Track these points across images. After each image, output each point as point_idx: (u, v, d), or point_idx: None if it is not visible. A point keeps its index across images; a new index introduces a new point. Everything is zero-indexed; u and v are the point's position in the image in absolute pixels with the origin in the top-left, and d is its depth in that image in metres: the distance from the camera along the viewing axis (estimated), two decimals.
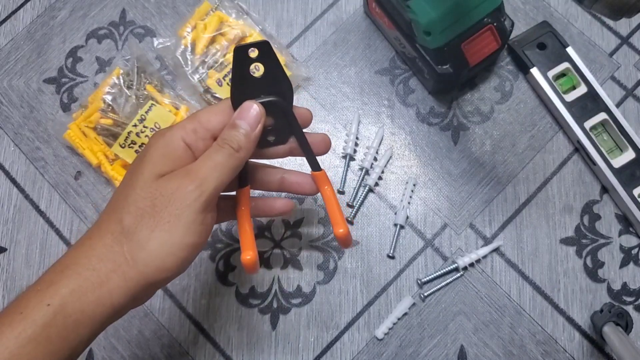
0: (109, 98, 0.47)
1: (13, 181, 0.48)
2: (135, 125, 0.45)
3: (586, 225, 0.45)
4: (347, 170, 0.46)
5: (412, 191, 0.46)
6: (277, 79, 0.33)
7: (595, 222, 0.45)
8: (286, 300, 0.44)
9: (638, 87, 0.48)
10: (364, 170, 0.46)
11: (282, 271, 0.45)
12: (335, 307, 0.44)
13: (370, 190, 0.46)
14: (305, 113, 0.36)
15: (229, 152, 0.31)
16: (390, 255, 0.44)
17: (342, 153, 0.47)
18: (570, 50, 0.47)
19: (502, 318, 0.43)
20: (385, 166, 0.46)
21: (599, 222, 0.45)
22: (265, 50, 0.31)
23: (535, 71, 0.46)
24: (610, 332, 0.39)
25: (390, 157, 0.47)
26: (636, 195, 0.43)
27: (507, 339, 0.43)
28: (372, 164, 0.46)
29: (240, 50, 0.31)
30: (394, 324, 0.43)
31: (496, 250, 0.44)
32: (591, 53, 0.48)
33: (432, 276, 0.44)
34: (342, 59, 0.49)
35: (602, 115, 0.45)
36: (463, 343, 0.43)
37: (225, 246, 0.46)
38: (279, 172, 0.38)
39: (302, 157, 0.36)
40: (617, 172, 0.44)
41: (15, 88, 0.51)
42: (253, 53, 0.31)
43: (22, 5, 0.53)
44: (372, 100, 0.48)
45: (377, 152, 0.47)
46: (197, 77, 0.48)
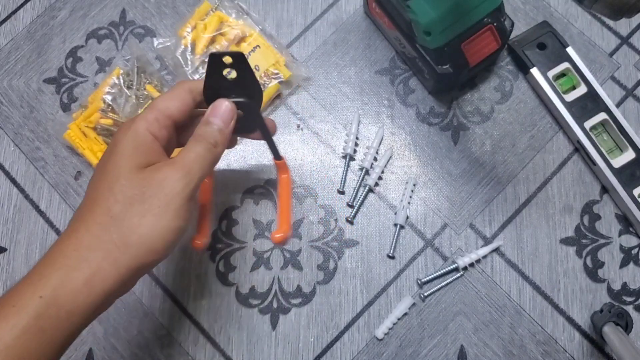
0: (109, 98, 0.47)
1: (13, 181, 0.48)
2: None
3: (586, 225, 0.45)
4: (347, 170, 0.46)
5: (412, 191, 0.46)
6: (248, 83, 0.35)
7: (595, 222, 0.45)
8: (286, 300, 0.44)
9: (638, 87, 0.48)
10: (364, 170, 0.46)
11: (282, 271, 0.45)
12: (335, 307, 0.44)
13: (370, 190, 0.46)
14: (271, 124, 0.40)
15: (207, 146, 0.34)
16: (390, 255, 0.44)
17: (342, 153, 0.47)
18: (570, 50, 0.47)
19: (502, 318, 0.43)
20: (385, 166, 0.46)
21: (599, 222, 0.45)
22: (239, 60, 0.34)
23: (535, 71, 0.46)
24: (610, 332, 0.39)
25: (390, 157, 0.47)
26: (636, 195, 0.43)
27: (507, 339, 0.43)
28: (372, 164, 0.46)
29: (215, 57, 0.34)
30: (394, 324, 0.43)
31: (496, 250, 0.44)
32: (591, 53, 0.48)
33: (432, 276, 0.44)
34: (342, 59, 0.49)
35: (602, 115, 0.45)
36: (463, 343, 0.43)
37: (225, 246, 0.46)
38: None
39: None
40: (617, 172, 0.44)
41: (15, 88, 0.51)
42: (227, 60, 0.34)
43: (22, 5, 0.53)
44: (372, 100, 0.48)
45: (377, 152, 0.47)
46: (197, 77, 0.48)
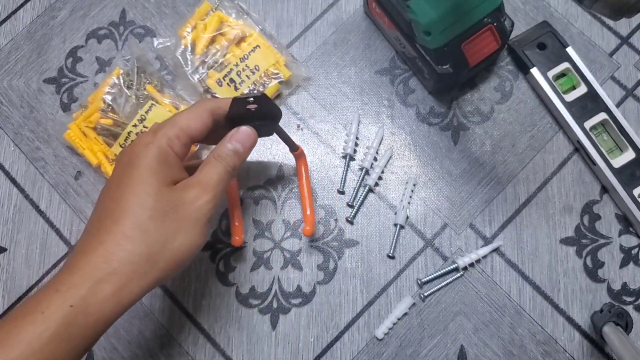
0: (109, 98, 0.47)
1: (13, 181, 0.48)
2: (135, 125, 0.45)
3: (586, 225, 0.45)
4: (347, 170, 0.46)
5: (412, 191, 0.46)
6: (269, 111, 0.39)
7: (595, 222, 0.45)
8: (286, 300, 0.44)
9: (638, 87, 0.48)
10: (364, 170, 0.46)
11: (282, 271, 0.45)
12: (335, 307, 0.44)
13: (370, 190, 0.46)
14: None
15: (227, 169, 0.36)
16: (390, 255, 0.44)
17: (342, 153, 0.47)
18: (570, 50, 0.47)
19: (502, 318, 0.43)
20: (385, 166, 0.46)
21: (599, 222, 0.45)
22: (261, 99, 0.38)
23: (535, 71, 0.46)
24: (610, 332, 0.39)
25: (390, 157, 0.47)
26: (636, 195, 0.43)
27: (507, 339, 0.43)
28: (372, 164, 0.46)
29: (238, 100, 0.37)
30: (394, 324, 0.43)
31: (496, 250, 0.44)
32: (591, 53, 0.48)
33: (432, 276, 0.44)
34: (342, 59, 0.49)
35: (602, 115, 0.45)
36: (463, 343, 0.43)
37: (226, 246, 0.46)
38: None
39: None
40: (617, 172, 0.44)
41: (15, 88, 0.51)
42: (249, 99, 0.37)
43: (22, 5, 0.53)
44: (372, 100, 0.48)
45: (377, 152, 0.47)
46: (197, 77, 0.48)
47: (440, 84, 0.45)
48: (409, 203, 0.45)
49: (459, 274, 0.44)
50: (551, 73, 0.46)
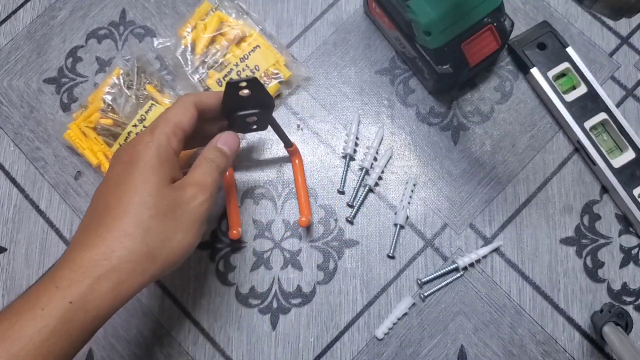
0: (109, 98, 0.47)
1: (13, 181, 0.48)
2: (135, 125, 0.45)
3: (586, 225, 0.45)
4: (347, 170, 0.46)
5: (412, 191, 0.46)
6: (261, 98, 0.39)
7: (595, 222, 0.45)
8: (286, 300, 0.44)
9: (638, 87, 0.48)
10: (364, 170, 0.46)
11: (282, 271, 0.45)
12: (335, 307, 0.44)
13: (370, 190, 0.46)
14: None
15: (219, 171, 0.38)
16: (390, 255, 0.44)
17: (342, 153, 0.47)
18: (570, 50, 0.47)
19: (502, 318, 0.43)
20: (385, 166, 0.46)
21: (599, 222, 0.45)
22: (253, 84, 0.37)
23: (535, 71, 0.46)
24: (610, 332, 0.39)
25: (390, 157, 0.47)
26: (636, 195, 0.43)
27: (507, 339, 0.43)
28: (372, 164, 0.46)
29: (232, 85, 0.37)
30: (394, 324, 0.43)
31: (496, 250, 0.44)
32: (591, 53, 0.48)
33: (432, 276, 0.44)
34: (342, 59, 0.49)
35: (602, 115, 0.45)
36: (463, 343, 0.43)
37: (225, 246, 0.46)
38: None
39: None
40: (617, 172, 0.44)
41: (15, 88, 0.51)
42: (242, 84, 0.37)
43: (22, 5, 0.53)
44: (372, 100, 0.48)
45: (377, 152, 0.47)
46: (197, 77, 0.48)
47: (440, 84, 0.45)
48: (409, 203, 0.45)
49: (459, 274, 0.44)
50: (551, 73, 0.46)
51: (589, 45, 0.49)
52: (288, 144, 0.44)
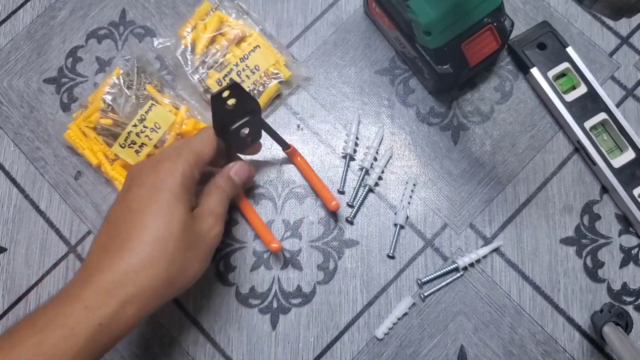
0: (109, 98, 0.47)
1: (13, 181, 0.48)
2: (135, 125, 0.45)
3: (586, 225, 0.45)
4: (347, 170, 0.46)
5: (412, 191, 0.46)
6: (246, 103, 0.39)
7: (595, 222, 0.45)
8: (286, 300, 0.44)
9: (638, 87, 0.48)
10: (364, 170, 0.46)
11: (282, 271, 0.45)
12: (335, 307, 0.44)
13: (370, 190, 0.46)
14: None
15: (229, 198, 0.40)
16: (390, 255, 0.44)
17: (342, 153, 0.47)
18: (570, 50, 0.47)
19: (502, 318, 0.43)
20: (385, 166, 0.46)
21: (599, 222, 0.45)
22: (234, 88, 0.38)
23: (535, 71, 0.46)
24: (610, 332, 0.39)
25: (390, 157, 0.47)
26: (636, 195, 0.43)
27: (507, 339, 0.43)
28: (372, 164, 0.46)
29: (216, 96, 0.37)
30: (394, 324, 0.43)
31: (496, 250, 0.44)
32: (591, 53, 0.48)
33: (432, 276, 0.44)
34: (342, 59, 0.49)
35: (602, 115, 0.45)
36: (463, 343, 0.43)
37: (225, 246, 0.46)
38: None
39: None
40: (617, 172, 0.44)
41: (15, 88, 0.51)
42: (225, 94, 0.38)
43: (22, 5, 0.53)
44: (372, 100, 0.48)
45: (377, 152, 0.47)
46: (197, 77, 0.48)
47: (440, 84, 0.45)
48: (409, 203, 0.45)
49: (459, 274, 0.44)
50: (551, 73, 0.46)
51: (589, 45, 0.49)
52: (285, 145, 0.45)
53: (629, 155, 0.44)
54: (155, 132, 0.45)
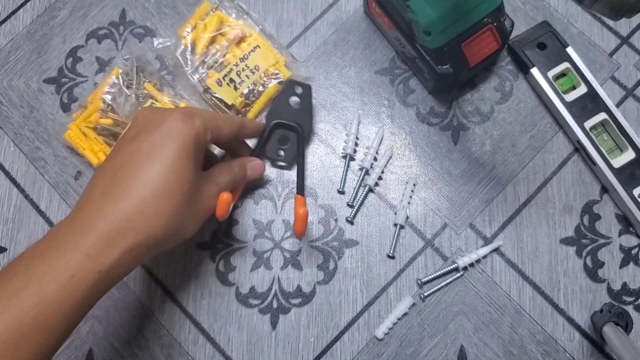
0: (108, 98, 0.47)
1: (13, 181, 0.48)
2: None
3: (586, 225, 0.45)
4: (347, 170, 0.46)
5: (412, 191, 0.46)
6: (305, 113, 0.45)
7: (595, 222, 0.45)
8: (286, 300, 0.44)
9: (638, 87, 0.48)
10: (364, 170, 0.46)
11: (282, 271, 0.45)
12: (335, 307, 0.44)
13: (370, 190, 0.46)
14: (258, 168, 0.44)
15: (234, 182, 0.40)
16: (390, 255, 0.44)
17: (342, 153, 0.47)
18: (570, 50, 0.47)
19: (502, 318, 0.43)
20: (385, 166, 0.46)
21: (599, 222, 0.45)
22: (307, 91, 0.44)
23: (535, 71, 0.46)
24: (610, 332, 0.39)
25: (390, 157, 0.47)
26: (636, 195, 0.43)
27: (507, 339, 0.43)
28: (372, 164, 0.46)
29: (290, 82, 0.44)
30: (394, 324, 0.43)
31: (496, 250, 0.44)
32: (591, 53, 0.48)
33: (432, 276, 0.44)
34: (342, 59, 0.49)
35: (602, 115, 0.45)
36: (463, 343, 0.43)
37: (225, 246, 0.46)
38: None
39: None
40: (617, 172, 0.44)
41: (15, 88, 0.51)
42: (298, 89, 0.43)
43: (22, 5, 0.53)
44: (372, 100, 0.48)
45: (377, 152, 0.47)
46: (197, 77, 0.48)
47: (440, 84, 0.45)
48: (409, 203, 0.45)
49: (459, 274, 0.44)
50: (551, 73, 0.46)
51: (589, 45, 0.49)
52: (301, 191, 0.44)
53: (629, 155, 0.44)
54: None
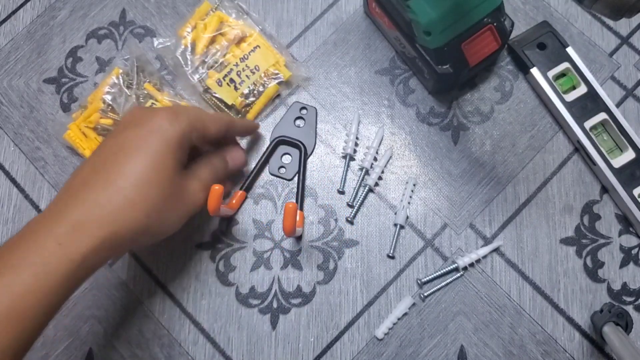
0: (108, 98, 0.47)
1: (13, 181, 0.48)
2: None
3: (586, 225, 0.45)
4: (347, 170, 0.46)
5: (412, 191, 0.46)
6: (309, 133, 0.47)
7: (595, 222, 0.45)
8: (286, 300, 0.44)
9: (638, 87, 0.48)
10: (364, 170, 0.46)
11: (282, 271, 0.45)
12: (335, 307, 0.44)
13: (370, 190, 0.46)
14: (239, 157, 0.44)
15: (217, 179, 0.40)
16: (390, 255, 0.44)
17: (342, 153, 0.47)
18: (570, 50, 0.47)
19: (502, 318, 0.43)
20: (385, 166, 0.46)
21: (599, 222, 0.45)
22: (311, 113, 0.47)
23: (535, 71, 0.46)
24: (610, 332, 0.39)
25: (390, 157, 0.47)
26: (636, 195, 0.43)
27: (507, 339, 0.43)
28: (372, 164, 0.46)
29: (297, 105, 0.47)
30: (394, 324, 0.43)
31: (496, 250, 0.44)
32: (591, 53, 0.48)
33: (432, 276, 0.44)
34: (342, 59, 0.49)
35: (602, 115, 0.45)
36: (463, 343, 0.43)
37: (225, 246, 0.46)
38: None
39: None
40: (617, 172, 0.44)
41: (15, 88, 0.51)
42: (304, 110, 0.47)
43: (22, 5, 0.53)
44: (372, 100, 0.48)
45: (377, 152, 0.47)
46: (197, 77, 0.48)
47: (440, 84, 0.45)
48: (409, 203, 0.45)
49: (459, 274, 0.44)
50: (551, 73, 0.46)
51: (589, 45, 0.49)
52: (300, 207, 0.45)
53: (629, 155, 0.44)
54: None
